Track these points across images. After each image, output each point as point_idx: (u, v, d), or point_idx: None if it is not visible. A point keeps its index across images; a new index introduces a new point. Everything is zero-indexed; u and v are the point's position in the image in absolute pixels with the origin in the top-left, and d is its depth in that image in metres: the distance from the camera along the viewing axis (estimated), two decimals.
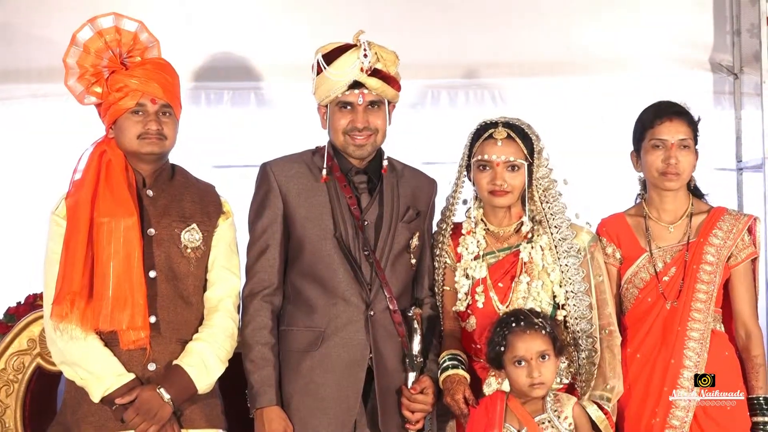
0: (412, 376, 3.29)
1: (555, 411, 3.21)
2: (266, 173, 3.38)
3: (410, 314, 3.29)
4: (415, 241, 3.42)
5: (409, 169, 3.52)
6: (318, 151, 3.43)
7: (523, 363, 3.16)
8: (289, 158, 3.43)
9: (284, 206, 3.34)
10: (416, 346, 3.28)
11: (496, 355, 3.20)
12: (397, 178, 3.44)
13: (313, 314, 3.30)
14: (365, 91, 3.31)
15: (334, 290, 3.30)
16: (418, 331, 3.28)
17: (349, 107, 3.33)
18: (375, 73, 3.30)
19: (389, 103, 3.39)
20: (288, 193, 3.35)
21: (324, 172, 3.33)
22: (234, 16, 4.84)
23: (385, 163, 3.40)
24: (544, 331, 3.18)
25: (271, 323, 3.31)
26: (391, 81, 3.35)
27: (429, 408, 3.32)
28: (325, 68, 3.30)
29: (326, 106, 3.38)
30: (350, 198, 3.35)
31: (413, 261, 3.43)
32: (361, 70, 3.28)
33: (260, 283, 3.32)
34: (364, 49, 3.28)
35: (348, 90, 3.31)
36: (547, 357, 3.17)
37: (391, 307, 3.31)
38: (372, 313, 3.30)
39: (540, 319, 3.20)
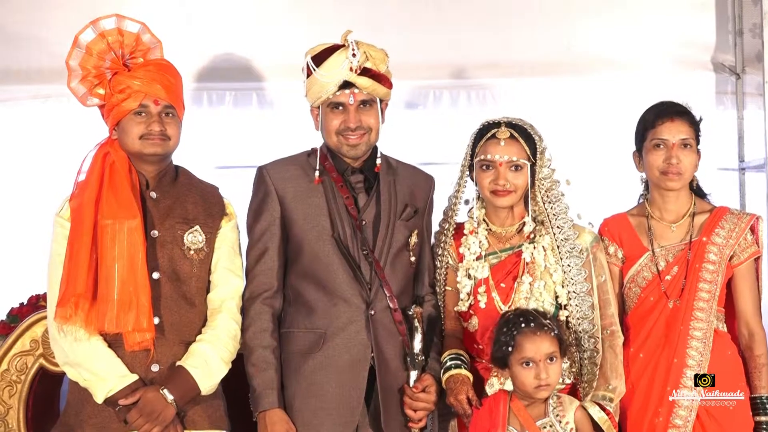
0: (413, 374, 3.29)
1: (557, 416, 3.21)
2: (262, 176, 3.38)
3: (410, 313, 3.28)
4: (413, 239, 3.41)
5: (406, 167, 3.51)
6: (314, 152, 3.42)
7: (530, 364, 3.16)
8: (285, 161, 3.43)
9: (281, 209, 3.34)
10: (417, 344, 3.28)
11: (502, 355, 3.20)
12: (394, 176, 3.43)
13: (314, 315, 3.30)
14: (356, 90, 3.30)
15: (334, 291, 3.30)
16: (419, 329, 3.28)
17: (340, 108, 3.33)
18: (365, 72, 3.29)
19: (381, 101, 3.37)
20: (285, 195, 3.34)
21: (317, 173, 3.33)
22: (236, 16, 4.84)
23: (378, 161, 3.39)
24: (552, 333, 3.18)
25: (272, 326, 3.30)
26: (382, 79, 3.34)
27: (431, 406, 3.32)
28: (314, 70, 3.30)
29: (318, 107, 3.37)
30: (347, 198, 3.34)
31: (413, 259, 3.42)
32: (351, 69, 3.27)
33: (260, 286, 3.32)
34: (353, 49, 3.27)
35: (339, 90, 3.30)
36: (554, 359, 3.17)
37: (391, 305, 3.31)
38: (372, 312, 3.29)
39: (548, 320, 3.20)
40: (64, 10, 4.62)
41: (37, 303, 4.13)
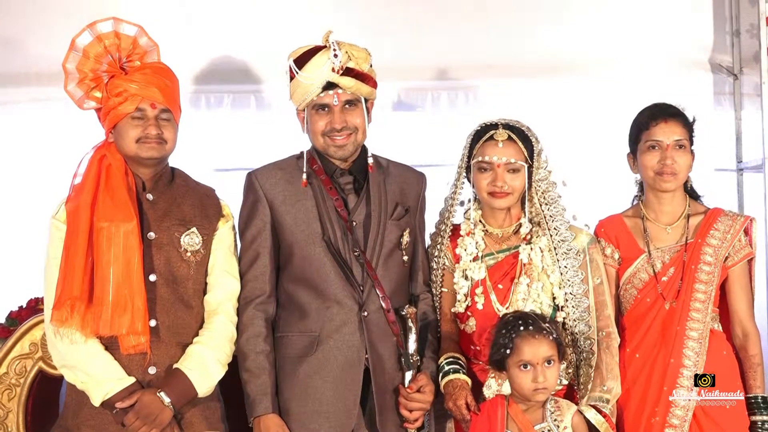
0: (408, 374, 3.29)
1: (555, 420, 3.21)
2: (252, 182, 3.38)
3: (404, 313, 3.27)
4: (406, 238, 3.40)
5: (396, 166, 3.50)
6: (303, 155, 3.41)
7: (528, 367, 3.16)
8: (274, 165, 3.42)
9: (272, 213, 3.34)
10: (411, 344, 3.27)
11: (500, 358, 3.20)
12: (384, 175, 3.42)
13: (307, 319, 3.30)
14: (339, 91, 3.29)
15: (326, 293, 3.29)
16: (413, 329, 3.27)
17: (325, 109, 3.32)
18: (348, 72, 3.28)
19: (367, 100, 3.36)
20: (274, 200, 3.34)
21: (304, 176, 3.32)
22: (233, 19, 4.84)
23: (370, 160, 3.37)
24: (551, 337, 3.17)
25: (265, 331, 3.30)
26: (366, 78, 3.32)
27: (427, 406, 3.31)
28: (297, 73, 3.29)
29: (304, 110, 3.37)
30: (336, 200, 3.34)
31: (405, 258, 3.40)
32: (333, 70, 3.27)
33: (253, 292, 3.32)
34: (334, 49, 3.27)
35: (322, 92, 3.29)
36: (552, 362, 3.17)
37: (384, 306, 3.30)
38: (365, 313, 3.29)
39: (547, 324, 3.20)
40: (63, 13, 4.62)
41: (36, 306, 4.13)
